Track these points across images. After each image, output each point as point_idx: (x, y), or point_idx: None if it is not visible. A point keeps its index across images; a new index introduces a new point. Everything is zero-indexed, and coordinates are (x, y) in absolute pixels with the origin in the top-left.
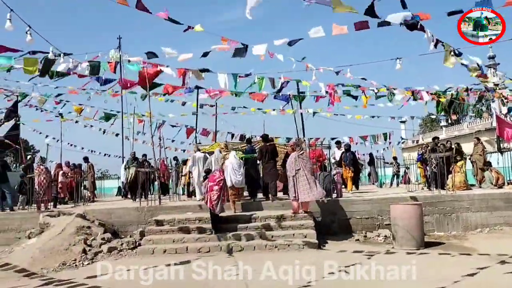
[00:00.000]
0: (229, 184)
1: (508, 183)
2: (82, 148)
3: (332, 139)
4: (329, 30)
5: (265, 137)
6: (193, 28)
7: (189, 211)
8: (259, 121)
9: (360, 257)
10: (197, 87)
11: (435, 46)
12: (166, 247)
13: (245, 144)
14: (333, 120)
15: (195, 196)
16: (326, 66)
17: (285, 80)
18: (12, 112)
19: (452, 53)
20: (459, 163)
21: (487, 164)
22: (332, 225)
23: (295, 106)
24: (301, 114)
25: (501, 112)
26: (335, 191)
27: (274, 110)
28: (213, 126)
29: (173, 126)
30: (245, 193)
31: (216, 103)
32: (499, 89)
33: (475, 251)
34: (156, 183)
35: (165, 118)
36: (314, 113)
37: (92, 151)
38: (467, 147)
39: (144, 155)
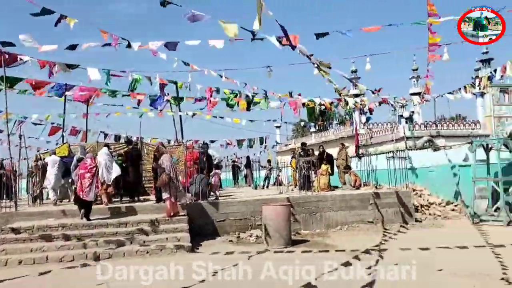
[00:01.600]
0: (101, 180)
1: (364, 185)
2: None
3: (212, 141)
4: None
5: (129, 141)
6: (65, 18)
7: (51, 217)
8: (137, 122)
9: (230, 258)
10: (66, 85)
11: (310, 59)
12: (22, 257)
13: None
14: (212, 123)
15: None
16: (210, 69)
17: (161, 82)
18: None
19: (321, 66)
20: (324, 167)
21: (347, 168)
22: (207, 227)
23: (174, 107)
24: (180, 116)
25: (360, 121)
26: (211, 193)
27: (151, 110)
28: (84, 125)
29: (35, 124)
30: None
31: (88, 101)
32: (361, 100)
33: (334, 247)
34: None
35: (28, 115)
36: (193, 114)
37: None
38: (334, 152)
39: None
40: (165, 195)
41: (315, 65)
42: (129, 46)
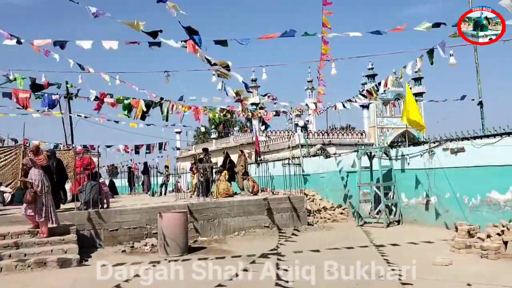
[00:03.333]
0: None
1: (262, 191)
2: None
3: (108, 146)
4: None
5: None
6: None
7: None
8: (19, 123)
9: (121, 269)
10: None
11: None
12: None
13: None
14: (108, 128)
15: None
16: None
17: (47, 82)
18: None
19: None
20: (223, 173)
21: (245, 174)
22: (98, 238)
23: (63, 108)
24: (70, 117)
25: (259, 128)
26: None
27: (38, 111)
28: None
29: None
30: None
31: None
32: (259, 108)
33: (230, 253)
34: None
35: None
36: (86, 117)
37: None
38: (234, 158)
39: None
40: (28, 212)
41: (214, 72)
42: (18, 42)
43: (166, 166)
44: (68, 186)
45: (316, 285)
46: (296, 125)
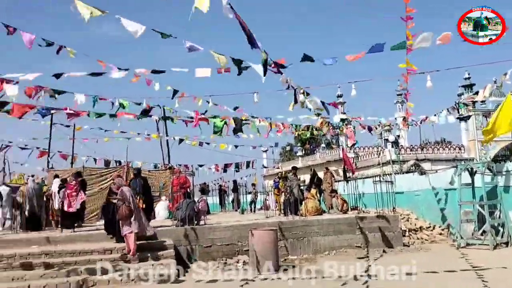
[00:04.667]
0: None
1: (352, 209)
2: None
3: (200, 166)
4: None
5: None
6: (65, 47)
7: (34, 245)
8: (122, 146)
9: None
10: (51, 109)
11: (288, 88)
12: (3, 286)
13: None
14: (200, 149)
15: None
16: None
17: (147, 106)
18: None
19: (301, 93)
20: (312, 191)
21: (334, 192)
22: (193, 253)
23: (161, 132)
24: (167, 140)
25: (347, 145)
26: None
27: (139, 134)
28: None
29: (22, 148)
30: None
31: (74, 125)
32: (346, 125)
33: (320, 273)
34: None
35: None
36: (181, 140)
37: None
38: (320, 175)
39: None
40: (126, 230)
41: (296, 100)
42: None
43: (253, 184)
44: (165, 204)
45: None
46: (386, 140)
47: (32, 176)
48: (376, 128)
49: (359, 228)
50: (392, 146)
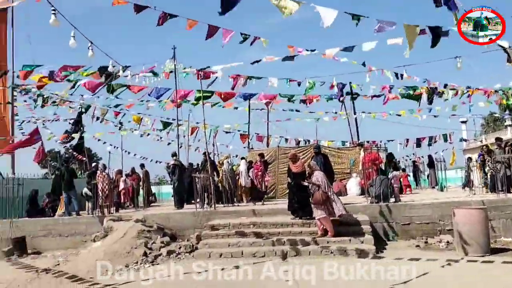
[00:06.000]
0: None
1: None
2: (135, 155)
3: (389, 141)
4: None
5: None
6: (259, 38)
7: (243, 216)
8: (311, 126)
9: (418, 264)
10: (250, 95)
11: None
12: (222, 251)
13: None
14: (387, 122)
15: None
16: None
17: (337, 83)
18: (78, 123)
19: None
20: None
21: None
22: (390, 231)
23: (348, 109)
24: (355, 118)
25: None
26: (393, 195)
27: (326, 112)
28: (265, 131)
29: (227, 132)
30: None
31: (268, 109)
32: None
33: None
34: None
35: (219, 125)
36: (369, 113)
37: (143, 157)
38: None
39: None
40: (319, 214)
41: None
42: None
43: (470, 158)
44: (356, 180)
45: None
46: None
47: (227, 157)
48: None
49: None
50: None
